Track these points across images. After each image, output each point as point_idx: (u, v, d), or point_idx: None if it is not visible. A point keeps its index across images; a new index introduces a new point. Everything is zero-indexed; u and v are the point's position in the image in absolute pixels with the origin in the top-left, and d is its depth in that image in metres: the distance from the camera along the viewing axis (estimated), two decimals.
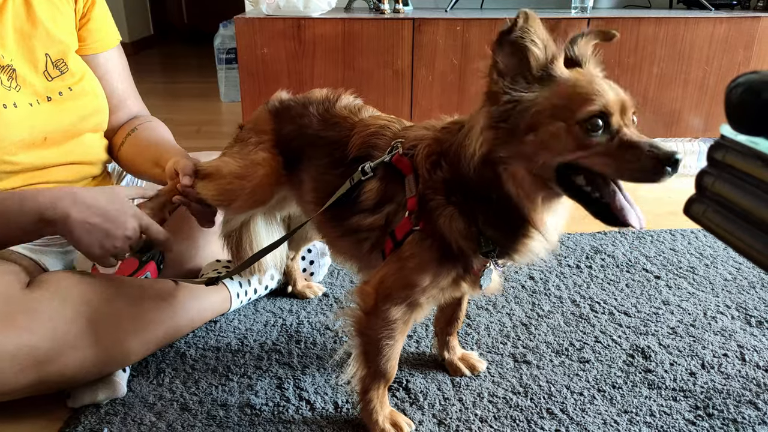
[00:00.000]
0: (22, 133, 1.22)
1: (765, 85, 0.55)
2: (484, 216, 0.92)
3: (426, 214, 0.95)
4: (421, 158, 0.97)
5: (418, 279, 0.97)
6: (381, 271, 1.02)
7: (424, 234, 0.96)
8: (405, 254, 0.98)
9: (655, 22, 2.58)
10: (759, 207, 0.58)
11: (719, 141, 0.63)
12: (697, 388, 1.24)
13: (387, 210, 1.01)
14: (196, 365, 1.31)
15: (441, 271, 0.97)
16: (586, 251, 1.84)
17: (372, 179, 1.02)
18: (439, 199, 0.94)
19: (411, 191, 0.97)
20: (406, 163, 0.99)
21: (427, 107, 2.62)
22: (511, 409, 1.18)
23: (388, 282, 1.00)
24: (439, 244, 0.96)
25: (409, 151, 0.99)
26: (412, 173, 0.98)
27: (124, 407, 1.18)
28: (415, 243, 0.97)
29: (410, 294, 0.99)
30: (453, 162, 0.93)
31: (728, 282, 1.67)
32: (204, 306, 1.37)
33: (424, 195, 0.95)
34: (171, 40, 6.46)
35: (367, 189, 1.02)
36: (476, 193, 0.91)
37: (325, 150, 1.12)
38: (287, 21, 2.48)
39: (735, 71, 2.66)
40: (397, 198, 1.00)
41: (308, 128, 1.16)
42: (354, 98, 1.21)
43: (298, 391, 1.22)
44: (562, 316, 1.50)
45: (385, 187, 1.01)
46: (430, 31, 2.52)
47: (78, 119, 1.33)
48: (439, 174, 0.94)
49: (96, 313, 1.14)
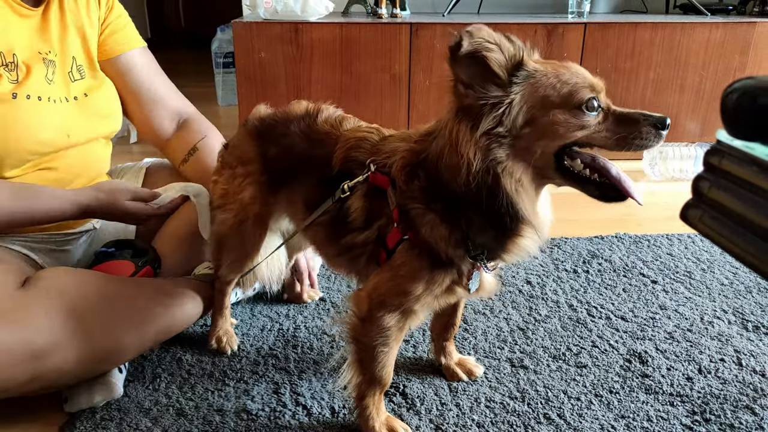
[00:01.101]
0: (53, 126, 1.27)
1: (761, 90, 0.55)
2: (472, 223, 0.92)
3: (409, 223, 0.96)
4: (396, 170, 0.98)
5: (411, 287, 0.98)
6: (374, 279, 1.03)
7: (412, 243, 0.97)
8: (396, 263, 0.99)
9: (652, 27, 2.59)
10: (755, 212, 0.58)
11: (715, 146, 0.63)
12: (694, 393, 1.24)
13: (378, 224, 1.02)
14: (192, 370, 1.30)
15: (434, 278, 0.97)
16: (583, 256, 1.84)
17: (356, 198, 1.03)
18: (418, 207, 0.95)
19: (393, 203, 0.98)
20: (382, 179, 1.00)
21: (424, 111, 2.63)
22: (509, 414, 1.18)
23: (382, 289, 1.01)
24: (428, 253, 0.96)
25: (384, 162, 1.00)
26: (390, 186, 0.99)
27: (120, 412, 1.17)
28: (405, 252, 0.98)
29: (404, 301, 0.99)
30: (431, 171, 0.93)
31: (725, 287, 1.67)
32: (197, 303, 1.37)
33: (403, 205, 0.96)
34: (168, 45, 6.46)
35: (353, 208, 1.03)
36: (464, 201, 0.91)
37: (314, 169, 1.12)
38: (285, 25, 2.49)
39: (731, 76, 2.67)
40: (386, 211, 1.00)
41: (294, 148, 1.16)
42: (335, 109, 1.20)
43: (295, 396, 1.22)
44: (559, 320, 1.50)
45: (370, 203, 1.02)
46: (428, 36, 2.53)
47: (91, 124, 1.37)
48: (416, 183, 0.95)
49: (92, 309, 1.14)
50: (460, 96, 0.88)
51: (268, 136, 1.21)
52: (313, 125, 1.15)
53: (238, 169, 1.24)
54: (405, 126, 2.64)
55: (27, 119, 1.23)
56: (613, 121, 0.89)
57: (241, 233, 1.26)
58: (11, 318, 1.05)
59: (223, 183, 1.28)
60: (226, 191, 1.27)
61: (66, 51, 1.34)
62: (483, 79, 0.86)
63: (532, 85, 0.87)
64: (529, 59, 0.88)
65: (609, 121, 0.89)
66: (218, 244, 1.31)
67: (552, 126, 0.86)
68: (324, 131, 1.13)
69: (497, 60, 0.85)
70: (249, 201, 1.23)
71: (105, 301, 1.18)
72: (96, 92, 1.39)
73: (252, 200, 1.23)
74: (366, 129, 1.11)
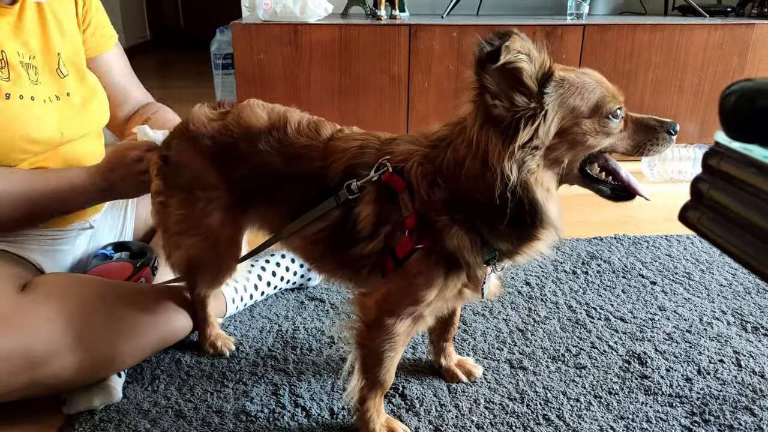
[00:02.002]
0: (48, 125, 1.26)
1: (759, 92, 0.55)
2: (494, 230, 0.92)
3: (430, 233, 0.93)
4: (416, 176, 0.94)
5: (426, 294, 0.96)
6: (385, 288, 1.00)
7: (428, 251, 0.94)
8: (412, 272, 0.96)
9: (651, 29, 2.59)
10: (754, 214, 0.58)
11: (714, 148, 0.63)
12: (694, 394, 1.24)
13: (384, 231, 0.97)
14: (191, 371, 1.30)
15: (447, 284, 0.96)
16: (582, 257, 1.84)
17: (363, 204, 0.98)
18: (444, 219, 0.92)
19: (408, 209, 0.94)
20: (398, 181, 0.95)
21: (423, 113, 2.63)
22: (508, 415, 1.18)
23: (394, 299, 0.99)
24: (445, 259, 0.94)
25: (397, 165, 0.96)
26: (405, 190, 0.95)
27: (119, 414, 1.17)
28: (421, 260, 0.95)
29: (416, 309, 0.98)
30: (450, 180, 0.92)
31: (724, 287, 1.67)
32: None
33: (426, 215, 0.93)
34: (167, 45, 6.46)
35: (362, 216, 0.98)
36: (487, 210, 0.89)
37: (298, 187, 1.05)
38: (284, 27, 2.49)
39: (729, 77, 2.67)
40: (393, 217, 0.96)
41: (268, 166, 1.07)
42: (300, 114, 1.11)
43: (294, 398, 1.22)
44: (559, 321, 1.50)
45: (380, 209, 0.97)
46: (427, 37, 2.53)
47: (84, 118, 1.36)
48: (438, 193, 0.92)
49: (92, 315, 1.13)
50: (488, 106, 0.85)
51: (230, 157, 1.10)
52: (285, 139, 1.07)
53: (198, 193, 1.14)
54: (404, 127, 2.64)
55: (21, 120, 1.22)
56: (632, 128, 0.93)
57: (213, 255, 1.19)
58: (11, 325, 1.05)
59: (176, 207, 1.17)
60: (184, 216, 1.17)
61: (50, 49, 1.31)
62: (513, 89, 0.84)
63: (561, 96, 0.87)
64: (555, 68, 0.88)
65: (629, 128, 0.93)
66: (189, 268, 1.24)
67: (583, 136, 0.88)
68: (301, 144, 1.06)
69: (529, 71, 0.84)
70: (218, 225, 1.15)
71: (106, 309, 1.17)
72: (85, 86, 1.38)
73: (221, 224, 1.15)
74: (360, 136, 1.05)
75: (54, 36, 1.33)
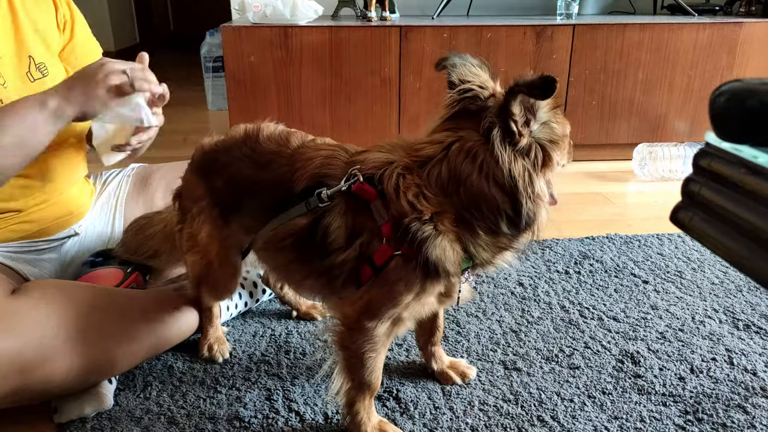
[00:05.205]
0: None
1: (748, 93, 0.55)
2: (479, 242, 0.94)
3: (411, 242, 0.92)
4: (395, 185, 0.93)
5: (404, 298, 0.97)
6: (366, 296, 0.99)
7: (407, 258, 0.94)
8: (392, 278, 0.95)
9: (640, 28, 2.60)
10: (744, 214, 0.58)
11: (704, 148, 0.64)
12: (687, 393, 1.24)
13: (359, 241, 0.96)
14: (183, 378, 1.29)
15: (426, 288, 0.97)
16: (574, 257, 1.84)
17: (334, 216, 0.97)
18: (428, 229, 0.92)
19: (383, 217, 0.94)
20: (368, 190, 0.95)
21: (415, 114, 2.63)
22: (502, 417, 1.18)
23: (375, 305, 0.99)
24: (423, 266, 0.94)
25: (368, 173, 0.96)
26: (378, 199, 0.94)
27: (111, 421, 1.16)
28: (400, 267, 0.95)
29: (395, 311, 0.99)
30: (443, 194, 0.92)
31: (715, 286, 1.68)
32: (193, 317, 1.36)
33: (407, 225, 0.92)
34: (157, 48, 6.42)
35: (333, 227, 0.97)
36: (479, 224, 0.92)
37: (267, 193, 1.07)
38: (274, 29, 2.48)
39: (719, 76, 2.69)
40: (368, 226, 0.96)
41: (240, 174, 1.10)
42: (275, 125, 1.14)
43: (288, 403, 1.21)
44: (552, 322, 1.50)
45: (353, 220, 0.96)
46: (417, 39, 2.53)
47: None
48: (425, 204, 0.92)
49: (83, 321, 1.12)
50: (514, 134, 0.89)
51: (212, 168, 1.16)
52: (256, 147, 1.10)
53: (194, 209, 1.21)
54: (396, 129, 2.64)
55: None
56: None
57: (212, 274, 1.24)
58: (1, 326, 1.03)
59: (187, 228, 1.25)
60: (190, 234, 1.24)
61: (21, 52, 1.26)
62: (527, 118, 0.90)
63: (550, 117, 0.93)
64: None
65: None
66: (196, 281, 1.29)
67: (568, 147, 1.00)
68: (270, 151, 1.08)
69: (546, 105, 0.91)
70: (207, 240, 1.19)
71: (98, 313, 1.16)
72: None
73: (210, 238, 1.19)
74: (328, 147, 1.06)
75: (27, 38, 1.27)
